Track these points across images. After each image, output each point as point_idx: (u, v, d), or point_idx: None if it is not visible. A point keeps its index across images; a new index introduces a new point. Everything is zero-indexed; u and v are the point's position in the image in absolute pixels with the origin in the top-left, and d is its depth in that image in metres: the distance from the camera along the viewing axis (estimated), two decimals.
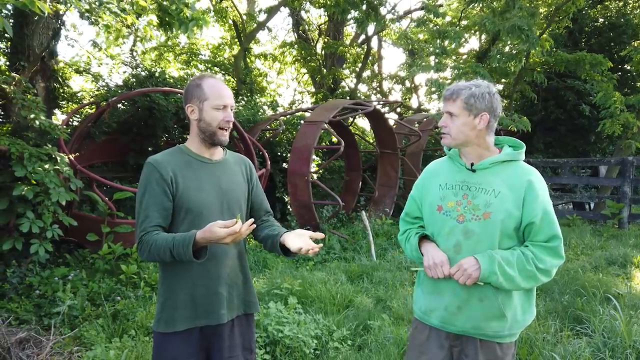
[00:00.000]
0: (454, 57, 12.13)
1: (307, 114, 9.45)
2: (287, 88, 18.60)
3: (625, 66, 12.17)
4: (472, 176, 1.92)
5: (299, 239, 1.84)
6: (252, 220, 1.72)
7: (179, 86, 7.85)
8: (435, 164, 2.12)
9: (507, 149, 1.96)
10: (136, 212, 1.86)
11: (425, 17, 11.49)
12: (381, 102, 13.07)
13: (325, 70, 13.68)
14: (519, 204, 1.83)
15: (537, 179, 1.88)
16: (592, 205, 11.21)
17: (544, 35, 10.01)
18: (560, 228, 1.88)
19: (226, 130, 1.93)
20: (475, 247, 1.85)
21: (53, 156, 4.54)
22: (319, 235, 1.83)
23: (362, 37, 15.19)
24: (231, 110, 1.94)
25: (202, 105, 1.89)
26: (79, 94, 8.31)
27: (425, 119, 11.24)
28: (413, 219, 2.13)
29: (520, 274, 1.79)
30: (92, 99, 7.47)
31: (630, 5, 12.73)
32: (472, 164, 1.93)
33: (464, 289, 1.87)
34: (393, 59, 29.78)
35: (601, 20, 12.82)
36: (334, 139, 9.78)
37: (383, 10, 11.33)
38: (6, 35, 5.96)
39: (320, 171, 10.22)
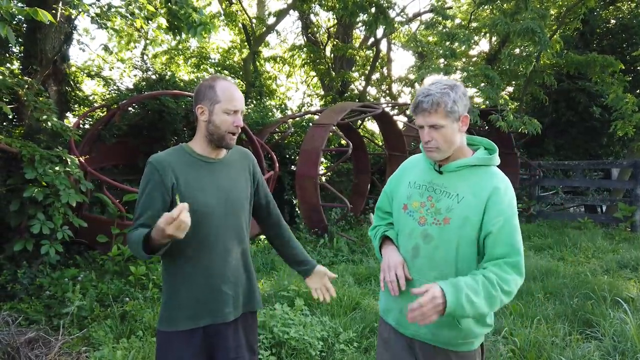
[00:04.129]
0: (463, 60, 12.09)
1: (316, 117, 9.48)
2: (297, 91, 18.65)
3: (638, 67, 12.02)
4: (439, 178, 1.82)
5: (319, 282, 2.17)
6: (185, 204, 1.60)
7: (188, 89, 7.91)
8: (412, 160, 2.02)
9: (481, 151, 1.84)
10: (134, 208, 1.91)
11: (434, 20, 11.46)
12: (390, 105, 13.05)
13: (334, 73, 13.70)
14: (480, 211, 1.71)
15: (504, 187, 1.74)
16: (604, 208, 11.08)
17: (555, 37, 9.93)
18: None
19: (235, 134, 1.92)
20: (433, 252, 1.76)
21: (64, 158, 4.61)
22: (333, 275, 2.19)
23: (371, 39, 15.19)
24: (241, 115, 1.93)
25: (213, 107, 1.87)
26: (90, 97, 8.40)
27: None
28: (384, 214, 2.06)
29: (487, 301, 1.62)
30: (103, 102, 7.56)
31: None
32: (440, 166, 1.82)
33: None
34: (402, 61, 29.73)
35: (613, 21, 12.68)
36: (343, 142, 9.79)
37: (392, 13, 11.33)
38: (19, 39, 6.05)
39: (329, 174, 10.22)
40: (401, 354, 1.90)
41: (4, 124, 5.56)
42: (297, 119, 9.85)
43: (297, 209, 8.72)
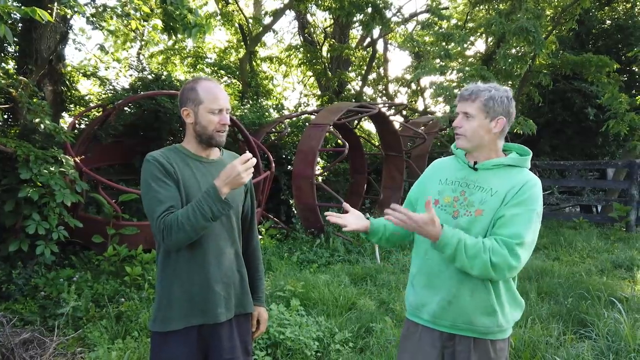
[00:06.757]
0: (459, 60, 12.12)
1: (313, 117, 9.48)
2: (293, 91, 18.65)
3: (633, 68, 12.07)
4: (473, 174, 1.93)
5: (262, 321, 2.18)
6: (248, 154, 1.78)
7: None
8: (441, 161, 2.13)
9: (514, 155, 1.94)
10: (146, 208, 1.81)
11: (430, 20, 11.48)
12: (386, 105, 13.07)
13: (330, 73, 13.69)
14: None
15: (532, 183, 1.83)
16: (599, 208, 11.13)
17: (550, 37, 9.96)
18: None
19: (223, 132, 1.94)
20: None
21: (59, 159, 4.59)
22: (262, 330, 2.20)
23: (368, 40, 15.20)
24: (227, 113, 1.94)
25: (197, 109, 1.89)
26: (86, 97, 8.37)
27: (430, 122, 11.23)
28: None
29: (471, 259, 1.71)
30: (99, 102, 7.53)
31: (638, 7, 12.64)
32: (475, 163, 1.93)
33: (455, 284, 1.85)
34: (399, 61, 29.80)
35: (608, 22, 12.73)
36: (339, 142, 9.80)
37: (388, 13, 11.34)
38: (15, 39, 6.03)
39: (325, 174, 10.22)
40: (430, 354, 1.92)
41: None
42: (294, 119, 9.84)
43: (293, 209, 8.72)
